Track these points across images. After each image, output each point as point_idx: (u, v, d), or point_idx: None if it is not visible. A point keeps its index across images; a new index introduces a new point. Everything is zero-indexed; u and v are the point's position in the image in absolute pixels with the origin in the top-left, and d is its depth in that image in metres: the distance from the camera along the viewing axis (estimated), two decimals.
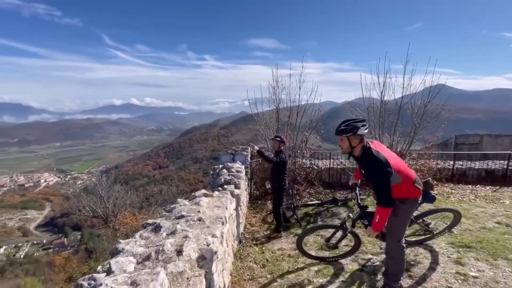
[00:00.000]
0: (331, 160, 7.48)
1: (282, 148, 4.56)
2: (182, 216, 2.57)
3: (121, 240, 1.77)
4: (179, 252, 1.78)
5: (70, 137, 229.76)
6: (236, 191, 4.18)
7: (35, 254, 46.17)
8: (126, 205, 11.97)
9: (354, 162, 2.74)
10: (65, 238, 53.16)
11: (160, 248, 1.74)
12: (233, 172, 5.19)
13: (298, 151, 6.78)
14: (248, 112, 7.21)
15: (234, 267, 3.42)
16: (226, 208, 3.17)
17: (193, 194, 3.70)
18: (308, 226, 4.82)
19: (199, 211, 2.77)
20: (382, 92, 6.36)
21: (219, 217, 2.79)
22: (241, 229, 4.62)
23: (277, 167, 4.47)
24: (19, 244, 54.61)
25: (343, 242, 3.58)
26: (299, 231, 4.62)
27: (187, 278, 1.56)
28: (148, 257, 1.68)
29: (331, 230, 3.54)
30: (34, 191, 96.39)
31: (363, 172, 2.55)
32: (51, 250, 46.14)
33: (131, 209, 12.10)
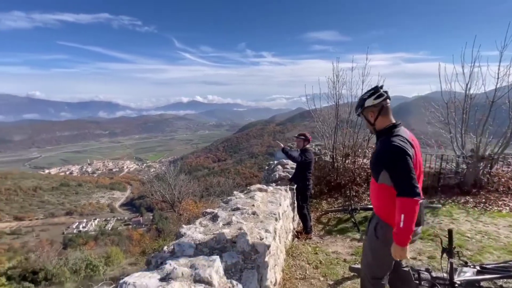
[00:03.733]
0: None
1: (307, 146, 4.42)
2: (237, 209, 2.68)
3: (184, 225, 1.95)
4: (234, 243, 1.86)
5: (147, 130, 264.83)
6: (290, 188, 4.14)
7: (118, 228, 55.21)
8: (189, 193, 13.17)
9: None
10: (141, 217, 61.94)
11: (217, 237, 1.85)
12: (287, 168, 5.16)
13: (359, 150, 6.31)
14: (305, 108, 7.03)
15: (286, 264, 3.41)
16: (280, 205, 3.16)
17: (248, 188, 3.81)
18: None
19: (253, 205, 2.84)
20: (467, 84, 5.36)
21: (273, 212, 2.80)
22: (294, 226, 4.58)
23: (301, 166, 4.28)
24: (108, 219, 66.18)
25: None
26: (357, 235, 4.32)
27: (240, 269, 1.62)
28: (206, 244, 1.81)
29: None
30: (119, 175, 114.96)
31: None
32: (130, 226, 54.44)
33: (193, 197, 13.27)
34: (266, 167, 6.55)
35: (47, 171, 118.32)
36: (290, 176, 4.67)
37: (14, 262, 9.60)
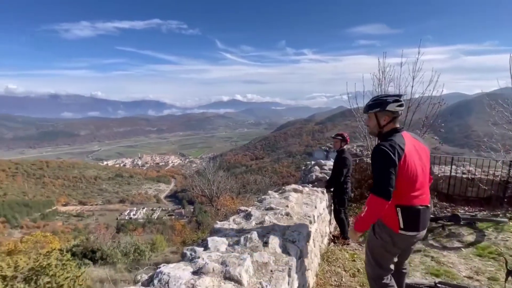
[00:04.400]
0: (453, 166, 5.97)
1: (344, 147, 4.15)
2: (271, 208, 2.66)
3: (218, 221, 2.00)
4: (265, 243, 1.84)
5: (190, 127, 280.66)
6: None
7: (163, 217, 59.64)
8: (227, 189, 13.57)
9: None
10: (183, 209, 66.07)
11: (249, 236, 1.85)
12: (325, 170, 4.97)
13: None
14: (347, 107, 6.67)
15: (321, 269, 3.28)
16: (315, 207, 3.06)
17: (283, 187, 3.77)
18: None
19: (287, 206, 2.79)
20: None
21: (307, 215, 2.72)
22: (330, 230, 4.39)
23: (339, 168, 4.03)
24: (154, 208, 72.01)
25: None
26: None
27: (271, 271, 1.59)
28: (237, 242, 1.83)
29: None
30: (165, 169, 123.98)
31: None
32: (173, 216, 58.38)
33: (230, 193, 13.64)
34: (303, 167, 6.40)
35: (105, 162, 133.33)
36: (328, 178, 4.49)
37: (77, 241, 11.01)
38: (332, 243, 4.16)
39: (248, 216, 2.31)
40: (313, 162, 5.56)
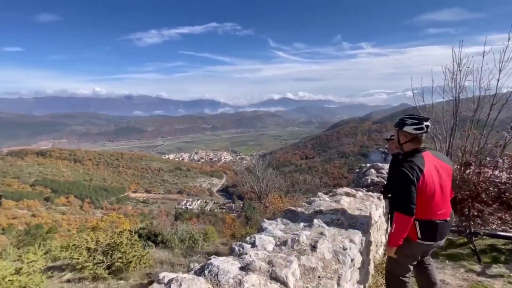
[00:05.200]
0: None
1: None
2: (320, 211, 2.56)
3: (265, 220, 2.01)
4: (313, 247, 1.78)
5: (242, 125, 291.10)
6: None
7: (215, 210, 63.31)
8: (275, 187, 13.62)
9: None
10: (233, 204, 69.07)
11: (296, 238, 1.82)
12: (382, 173, 4.55)
13: (487, 159, 4.89)
14: (411, 104, 5.94)
15: (374, 281, 3.04)
16: (370, 214, 2.83)
17: (334, 190, 3.59)
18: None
19: (338, 210, 2.65)
20: None
21: (360, 221, 2.53)
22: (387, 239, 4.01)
23: (396, 173, 3.48)
24: (207, 201, 77.06)
25: None
26: (476, 266, 3.40)
27: (318, 277, 1.54)
28: (284, 243, 1.81)
29: None
30: (217, 164, 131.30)
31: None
32: (224, 210, 61.46)
33: (279, 191, 13.64)
34: (357, 170, 5.98)
35: (167, 156, 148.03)
36: (385, 183, 4.10)
37: (143, 224, 12.50)
38: None
39: (296, 217, 2.27)
40: (368, 165, 5.16)
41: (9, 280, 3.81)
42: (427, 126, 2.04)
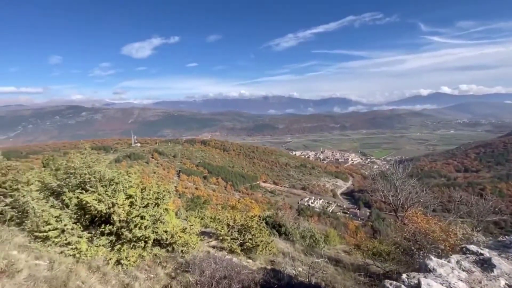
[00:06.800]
0: None
1: None
2: None
3: (432, 257, 1.42)
4: None
5: (375, 126, 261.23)
6: None
7: (337, 213, 60.41)
8: (419, 203, 11.07)
9: None
10: (358, 210, 63.25)
11: None
12: None
13: None
14: None
15: None
16: None
17: None
18: None
19: None
20: None
21: None
22: None
23: None
24: (329, 202, 74.78)
25: None
26: None
27: None
28: None
29: None
30: (343, 165, 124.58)
31: None
32: (347, 215, 57.49)
33: (423, 208, 10.99)
34: None
35: (293, 152, 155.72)
36: None
37: (270, 213, 13.59)
38: None
39: (485, 263, 1.51)
40: None
41: (179, 236, 5.05)
42: None
